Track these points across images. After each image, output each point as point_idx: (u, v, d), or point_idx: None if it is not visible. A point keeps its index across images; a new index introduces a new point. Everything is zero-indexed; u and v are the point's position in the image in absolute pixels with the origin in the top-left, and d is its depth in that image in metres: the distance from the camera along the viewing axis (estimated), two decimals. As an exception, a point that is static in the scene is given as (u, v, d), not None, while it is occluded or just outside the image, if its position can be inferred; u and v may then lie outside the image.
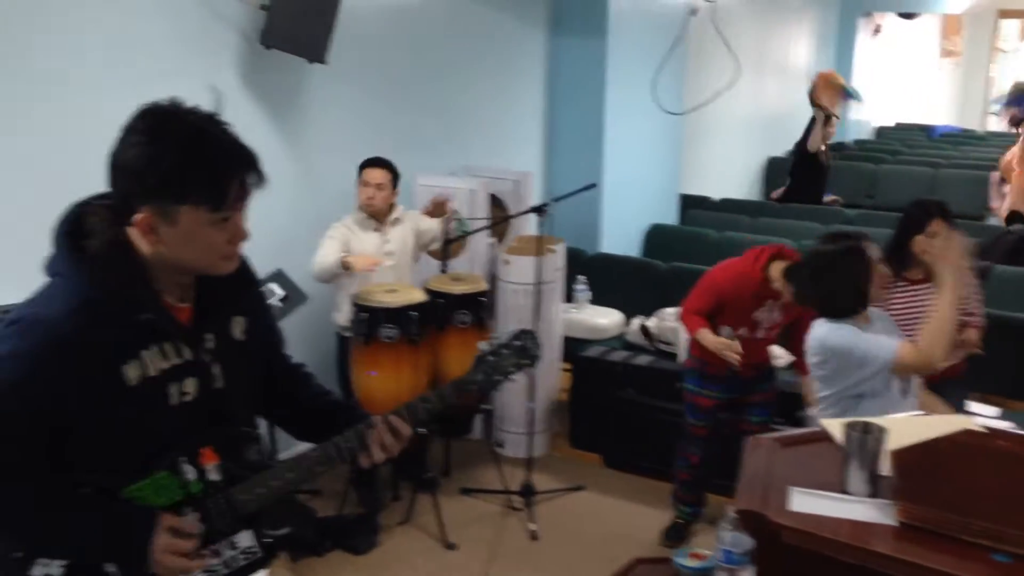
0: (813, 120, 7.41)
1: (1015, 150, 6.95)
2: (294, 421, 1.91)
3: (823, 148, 7.49)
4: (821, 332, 2.82)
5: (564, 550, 3.90)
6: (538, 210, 4.12)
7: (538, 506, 4.20)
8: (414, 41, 4.96)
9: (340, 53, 4.20)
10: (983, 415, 3.79)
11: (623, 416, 4.59)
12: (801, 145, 7.58)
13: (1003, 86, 13.83)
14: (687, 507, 3.97)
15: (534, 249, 4.26)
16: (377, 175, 4.08)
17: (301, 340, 3.34)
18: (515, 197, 5.17)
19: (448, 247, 4.25)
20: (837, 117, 7.71)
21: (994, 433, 1.97)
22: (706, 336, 3.57)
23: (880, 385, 2.74)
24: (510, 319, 4.65)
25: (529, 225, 4.93)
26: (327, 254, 3.92)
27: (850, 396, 2.78)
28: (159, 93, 1.53)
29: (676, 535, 3.94)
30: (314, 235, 4.04)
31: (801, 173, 7.58)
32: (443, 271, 4.28)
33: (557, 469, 4.59)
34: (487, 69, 5.52)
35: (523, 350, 1.81)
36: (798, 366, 3.69)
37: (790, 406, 3.82)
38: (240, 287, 1.71)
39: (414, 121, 5.02)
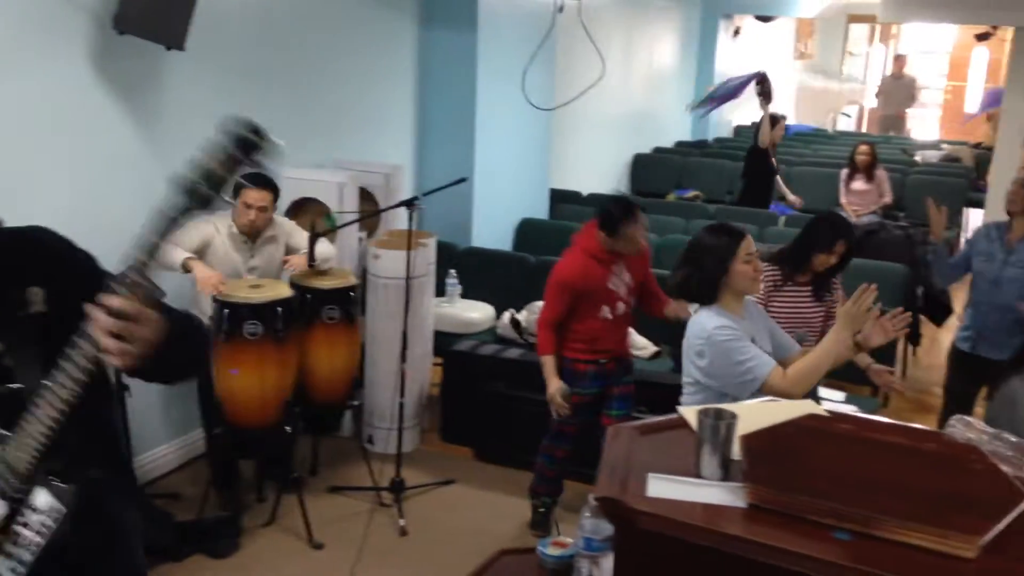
0: (761, 120, 7.64)
1: None
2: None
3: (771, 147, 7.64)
4: (709, 324, 2.88)
5: (433, 545, 3.90)
6: (409, 204, 4.09)
7: (408, 501, 4.17)
8: (278, 29, 4.83)
9: (199, 39, 4.05)
10: (831, 399, 4.01)
11: (494, 409, 4.61)
12: (752, 145, 7.79)
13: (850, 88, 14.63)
14: (548, 497, 4.03)
15: (405, 243, 4.24)
16: (260, 197, 3.89)
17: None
18: (385, 191, 5.11)
19: (315, 243, 4.17)
20: (783, 117, 7.89)
21: (837, 417, 2.08)
22: (548, 364, 3.69)
23: (745, 393, 2.84)
24: (380, 313, 4.61)
25: (400, 219, 4.90)
26: (176, 250, 3.73)
27: (717, 393, 2.88)
28: (2, 83, 1.44)
29: (542, 524, 3.99)
30: (173, 229, 3.88)
31: (752, 173, 7.76)
32: (311, 265, 4.20)
33: (428, 464, 4.58)
34: (356, 60, 5.44)
35: (241, 143, 1.46)
36: (654, 307, 3.90)
37: (656, 396, 3.93)
38: (25, 259, 1.64)
39: (279, 112, 4.89)
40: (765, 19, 11.33)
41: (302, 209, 4.70)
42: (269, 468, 4.19)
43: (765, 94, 7.44)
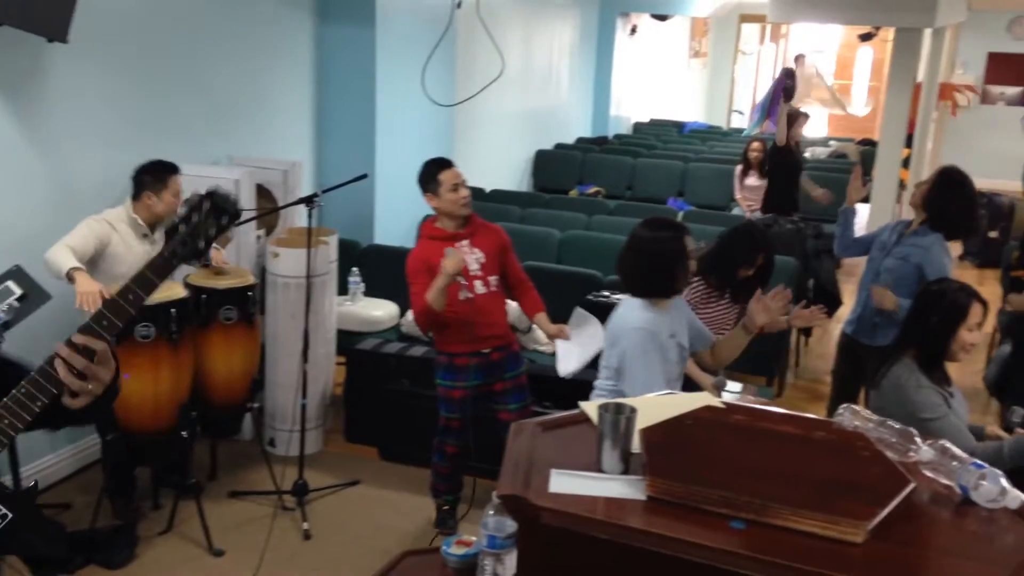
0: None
1: None
2: None
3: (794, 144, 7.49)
4: (630, 323, 2.94)
5: (337, 547, 3.85)
6: (308, 201, 4.02)
7: (312, 504, 4.11)
8: (169, 21, 4.68)
9: (84, 30, 3.89)
10: (730, 391, 4.12)
11: (399, 408, 4.58)
12: (772, 144, 7.61)
13: (743, 85, 15.06)
14: (449, 495, 4.03)
15: (304, 241, 4.16)
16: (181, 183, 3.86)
17: (44, 342, 3.07)
18: (284, 188, 5.02)
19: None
20: (806, 116, 7.65)
21: (732, 408, 2.14)
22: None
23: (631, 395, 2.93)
24: (280, 313, 4.52)
25: (299, 216, 4.81)
26: (66, 257, 3.54)
27: (620, 392, 2.94)
28: None
29: (449, 524, 3.99)
30: (59, 229, 3.71)
31: (775, 171, 7.62)
32: (206, 265, 4.09)
33: (332, 465, 4.51)
34: (252, 54, 5.32)
35: (216, 208, 1.66)
36: (525, 304, 3.94)
37: (561, 390, 3.97)
38: None
39: (172, 106, 4.74)
40: (661, 18, 11.55)
41: (197, 207, 4.56)
42: (165, 474, 4.06)
43: (787, 91, 7.37)
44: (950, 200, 3.90)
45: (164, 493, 4.06)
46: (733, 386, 4.25)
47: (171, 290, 3.73)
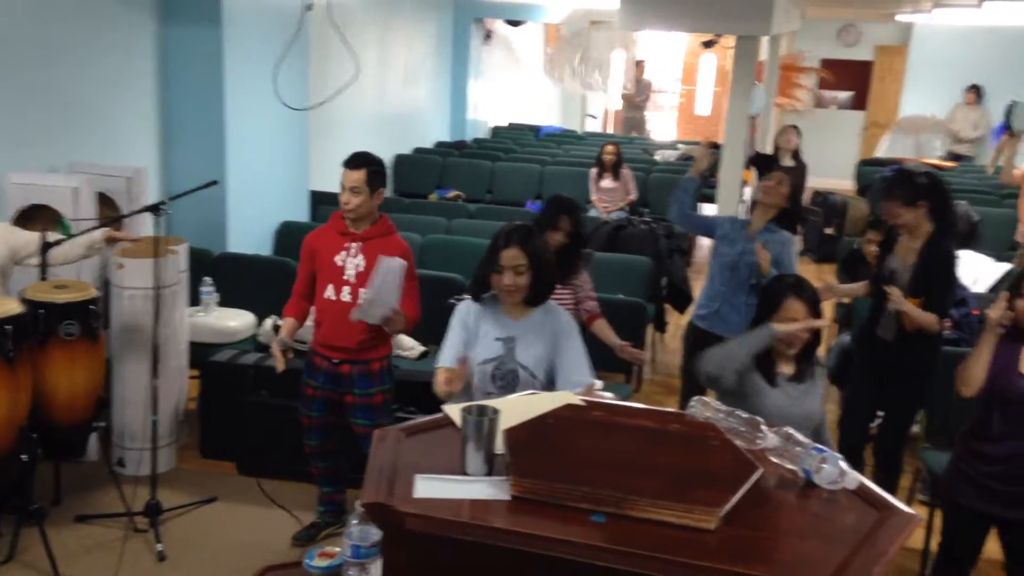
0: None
1: None
2: None
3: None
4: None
5: (195, 567, 3.70)
6: (154, 209, 3.85)
7: (166, 525, 3.94)
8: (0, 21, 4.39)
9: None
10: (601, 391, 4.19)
11: (257, 420, 4.45)
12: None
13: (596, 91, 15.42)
14: (322, 507, 3.96)
15: (151, 251, 3.99)
16: None
17: None
18: (128, 196, 4.79)
19: (47, 252, 3.84)
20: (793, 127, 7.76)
21: (592, 405, 2.19)
22: (285, 325, 3.70)
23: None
24: (127, 327, 4.31)
25: (145, 225, 4.60)
26: None
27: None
28: None
29: (307, 536, 3.90)
30: None
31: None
32: (43, 278, 3.86)
33: (186, 483, 4.34)
34: (90, 55, 5.05)
35: None
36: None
37: (425, 395, 3.94)
38: None
39: (3, 110, 4.45)
40: (515, 23, 11.70)
41: (32, 217, 4.31)
42: (5, 500, 3.80)
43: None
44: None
45: (4, 520, 3.81)
46: (598, 383, 4.34)
47: (5, 306, 3.50)
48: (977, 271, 5.98)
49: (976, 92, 11.97)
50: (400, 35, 9.40)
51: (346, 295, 3.56)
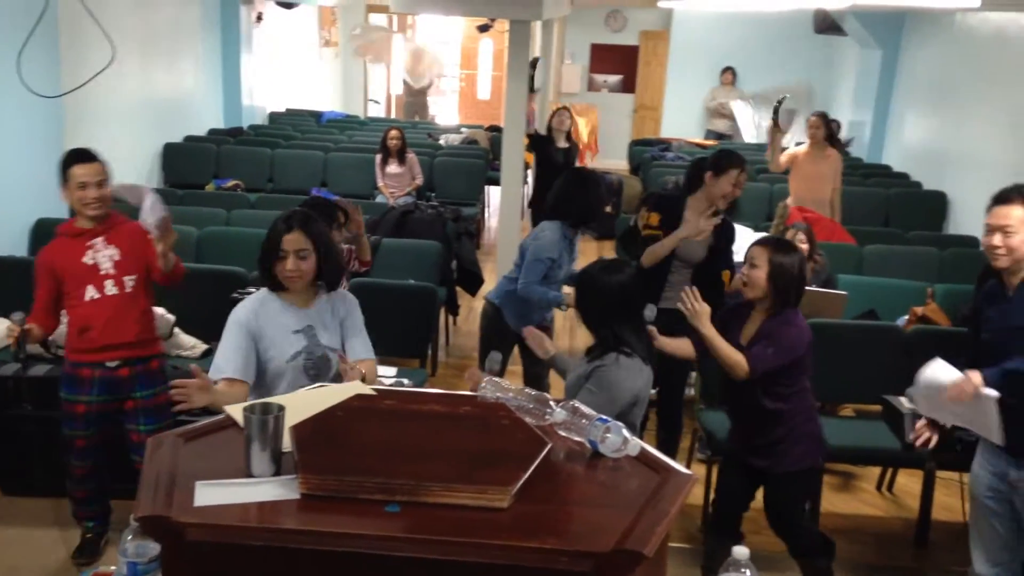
0: None
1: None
2: None
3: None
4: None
5: (-42, 604, 3.36)
6: None
7: (-82, 561, 3.55)
8: None
9: None
10: (384, 376, 4.16)
11: (20, 436, 4.08)
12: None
13: (376, 75, 15.28)
14: (90, 521, 3.68)
15: None
16: None
17: None
18: None
19: None
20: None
21: (382, 394, 2.16)
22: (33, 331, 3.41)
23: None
24: None
25: None
26: None
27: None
28: None
29: (89, 552, 3.63)
30: None
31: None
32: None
33: (-59, 512, 3.92)
34: None
35: None
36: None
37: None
38: None
39: None
40: (287, 6, 11.32)
41: None
42: None
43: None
44: (574, 196, 4.21)
45: None
46: (388, 371, 4.31)
47: None
48: (739, 241, 6.43)
49: (732, 73, 12.85)
50: (163, 16, 8.86)
51: (111, 288, 3.40)
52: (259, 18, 10.80)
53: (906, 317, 4.87)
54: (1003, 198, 2.85)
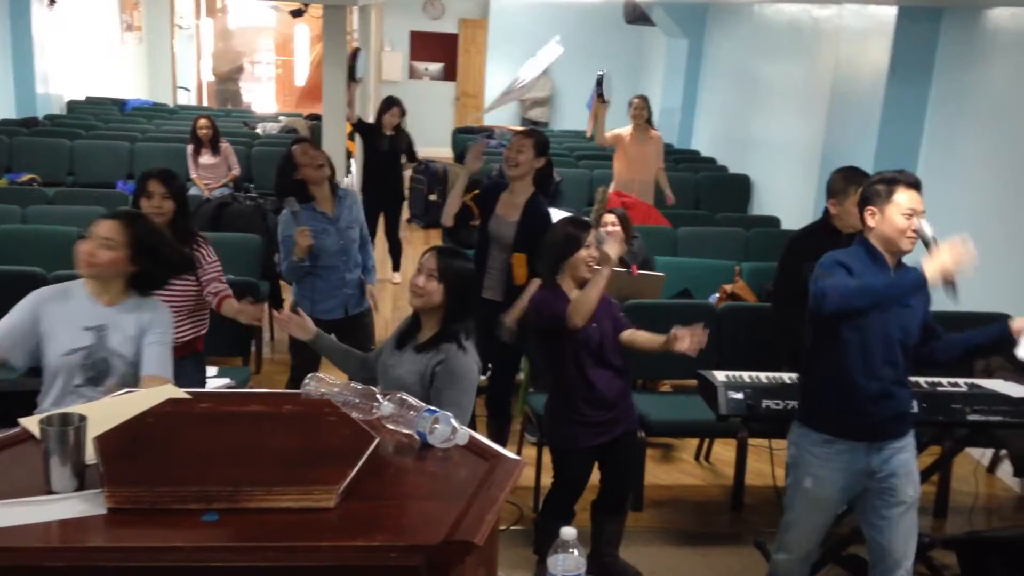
0: None
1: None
2: None
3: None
4: None
5: None
6: None
7: None
8: None
9: None
10: (211, 376, 3.97)
11: None
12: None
13: (185, 61, 14.58)
14: None
15: None
16: None
17: None
18: None
19: None
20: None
21: (197, 396, 2.05)
22: None
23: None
24: None
25: None
26: None
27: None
28: None
29: None
30: None
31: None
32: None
33: None
34: None
35: None
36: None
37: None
38: None
39: None
40: (85, -13, 10.62)
41: None
42: None
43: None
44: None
45: None
46: (209, 370, 4.11)
47: None
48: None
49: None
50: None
51: None
52: (52, 2, 10.07)
53: (717, 295, 5.12)
54: (918, 183, 2.80)
